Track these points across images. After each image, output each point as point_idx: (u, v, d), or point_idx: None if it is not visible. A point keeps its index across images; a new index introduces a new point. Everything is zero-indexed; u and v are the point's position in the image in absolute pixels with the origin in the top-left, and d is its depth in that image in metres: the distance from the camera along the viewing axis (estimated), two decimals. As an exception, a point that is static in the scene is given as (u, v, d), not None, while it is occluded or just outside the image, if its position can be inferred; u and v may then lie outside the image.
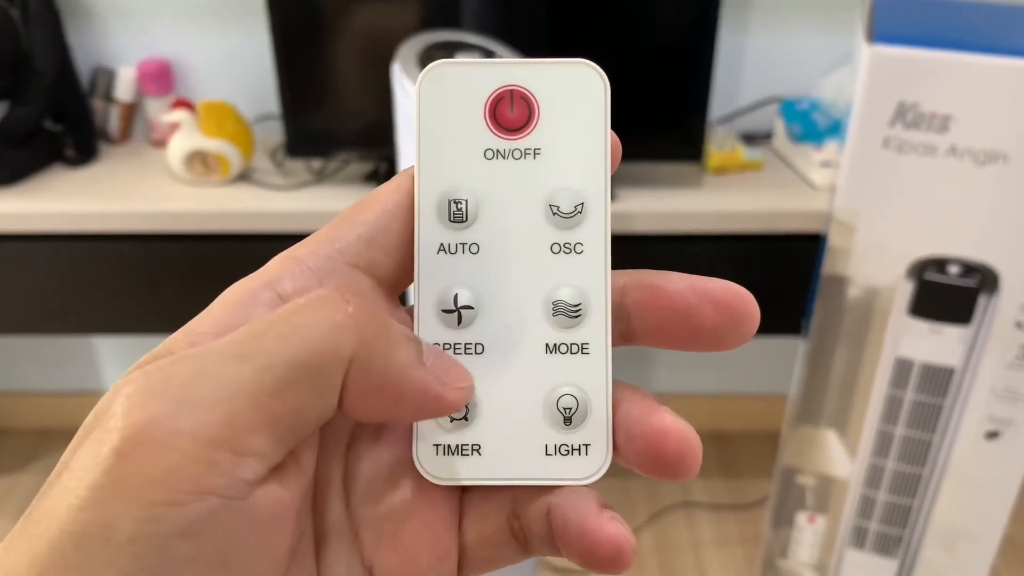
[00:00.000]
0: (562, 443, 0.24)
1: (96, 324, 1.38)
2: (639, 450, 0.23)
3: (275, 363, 0.19)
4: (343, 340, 0.20)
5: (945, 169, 0.80)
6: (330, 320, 0.20)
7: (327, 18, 1.25)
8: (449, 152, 0.24)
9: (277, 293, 0.22)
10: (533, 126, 0.24)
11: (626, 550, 0.22)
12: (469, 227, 0.24)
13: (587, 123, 0.24)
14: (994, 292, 0.84)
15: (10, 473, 1.64)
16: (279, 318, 0.20)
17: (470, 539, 0.24)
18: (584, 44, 1.25)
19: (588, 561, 0.22)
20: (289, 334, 0.19)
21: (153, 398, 0.18)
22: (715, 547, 1.49)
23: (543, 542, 0.23)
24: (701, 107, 1.25)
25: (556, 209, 0.24)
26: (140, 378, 0.19)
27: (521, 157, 0.24)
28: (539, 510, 0.23)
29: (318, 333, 0.20)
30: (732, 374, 1.73)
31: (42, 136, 1.31)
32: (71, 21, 1.38)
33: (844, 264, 0.87)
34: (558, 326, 0.24)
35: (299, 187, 1.27)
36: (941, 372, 0.89)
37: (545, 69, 0.24)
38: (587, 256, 0.24)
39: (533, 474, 0.24)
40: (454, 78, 0.24)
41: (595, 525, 0.22)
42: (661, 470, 0.23)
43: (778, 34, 1.40)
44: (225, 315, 0.21)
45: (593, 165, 0.24)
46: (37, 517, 0.18)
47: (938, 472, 0.94)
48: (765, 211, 1.22)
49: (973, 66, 0.77)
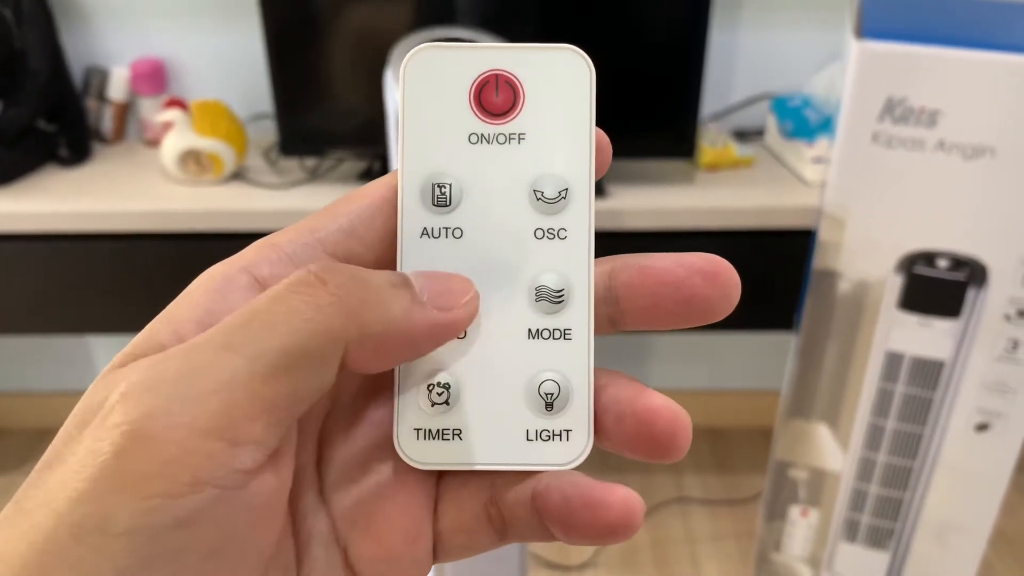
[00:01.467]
0: (543, 429, 0.24)
1: (90, 324, 1.38)
2: (629, 431, 0.23)
3: (265, 351, 0.19)
4: (331, 320, 0.20)
5: (934, 163, 0.81)
6: (313, 303, 0.20)
7: (320, 17, 1.26)
8: (434, 136, 0.24)
9: (254, 277, 0.22)
10: (518, 111, 0.24)
11: (637, 510, 0.22)
12: (453, 211, 0.24)
13: (572, 109, 0.24)
14: (983, 285, 0.85)
15: (5, 473, 1.64)
16: (263, 306, 0.20)
17: (445, 525, 0.24)
18: (576, 41, 1.25)
19: (596, 531, 0.22)
20: (276, 322, 0.20)
21: (148, 393, 0.18)
22: (709, 542, 1.50)
23: (526, 527, 0.23)
24: (693, 104, 1.25)
25: (540, 194, 0.24)
26: (134, 374, 0.19)
27: (506, 142, 0.24)
28: (521, 495, 0.23)
29: (304, 318, 0.20)
30: (725, 370, 1.73)
31: (36, 136, 1.32)
32: (64, 21, 1.38)
33: (834, 259, 0.88)
34: (541, 312, 0.24)
35: (293, 186, 1.28)
36: (931, 365, 0.89)
37: (531, 54, 0.24)
38: (571, 242, 0.24)
39: (514, 459, 0.23)
40: (439, 62, 0.24)
41: (602, 493, 0.22)
42: (652, 450, 0.23)
43: (769, 31, 1.41)
44: (205, 300, 0.22)
45: (578, 151, 0.24)
46: (29, 508, 0.18)
47: (929, 465, 0.94)
48: (757, 207, 1.23)
49: (961, 61, 0.77)
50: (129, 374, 0.19)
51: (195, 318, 0.21)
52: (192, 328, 0.21)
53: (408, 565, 0.23)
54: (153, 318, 0.22)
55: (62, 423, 0.20)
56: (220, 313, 0.21)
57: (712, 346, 1.71)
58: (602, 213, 1.19)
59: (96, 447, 0.18)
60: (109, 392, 0.19)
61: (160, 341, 0.21)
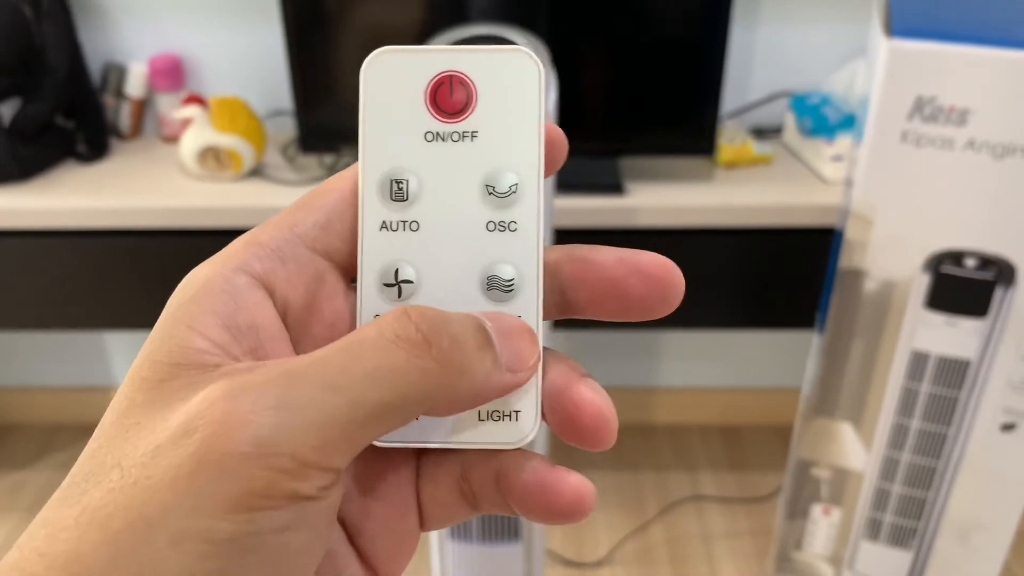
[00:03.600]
0: (494, 410, 0.24)
1: (107, 320, 1.38)
2: (559, 421, 0.24)
3: (366, 401, 0.20)
4: (431, 386, 0.21)
5: (963, 162, 0.80)
6: (419, 366, 0.21)
7: (339, 14, 1.26)
8: (391, 134, 0.25)
9: (251, 276, 0.23)
10: (471, 110, 0.25)
11: (587, 497, 0.23)
12: (410, 206, 0.25)
13: (522, 107, 0.25)
14: (1011, 285, 0.84)
15: (22, 468, 1.65)
16: (369, 354, 0.21)
17: (425, 498, 0.25)
18: (594, 39, 1.25)
19: (551, 513, 0.24)
20: (381, 376, 0.20)
21: (252, 414, 0.19)
22: (725, 539, 1.50)
23: (493, 504, 0.25)
24: (712, 102, 1.25)
25: (492, 189, 0.25)
26: (227, 387, 0.20)
27: (460, 140, 0.25)
28: (487, 475, 0.24)
29: (408, 379, 0.21)
30: (741, 368, 1.73)
31: (54, 132, 1.32)
32: (82, 17, 1.38)
33: (861, 257, 0.88)
34: (492, 300, 0.25)
35: (311, 182, 1.27)
36: (957, 364, 0.89)
37: (483, 56, 0.25)
38: (521, 234, 0.25)
39: (467, 438, 0.25)
40: (397, 64, 0.25)
41: (556, 479, 0.24)
42: (579, 441, 0.24)
43: (789, 29, 1.40)
44: (218, 303, 0.22)
45: (527, 147, 0.25)
46: (108, 511, 0.19)
47: (953, 464, 0.94)
48: (776, 205, 1.23)
49: (991, 60, 0.77)
50: (214, 385, 0.20)
51: (218, 323, 0.22)
52: (220, 333, 0.22)
53: (403, 537, 0.25)
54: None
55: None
56: (236, 315, 0.22)
57: (728, 344, 1.70)
58: (621, 210, 1.19)
59: (192, 457, 0.19)
60: (185, 400, 0.20)
61: (198, 348, 0.22)
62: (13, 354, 1.74)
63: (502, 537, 1.04)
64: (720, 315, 1.36)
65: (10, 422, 1.77)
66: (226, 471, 0.19)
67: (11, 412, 1.77)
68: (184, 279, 0.24)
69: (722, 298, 1.32)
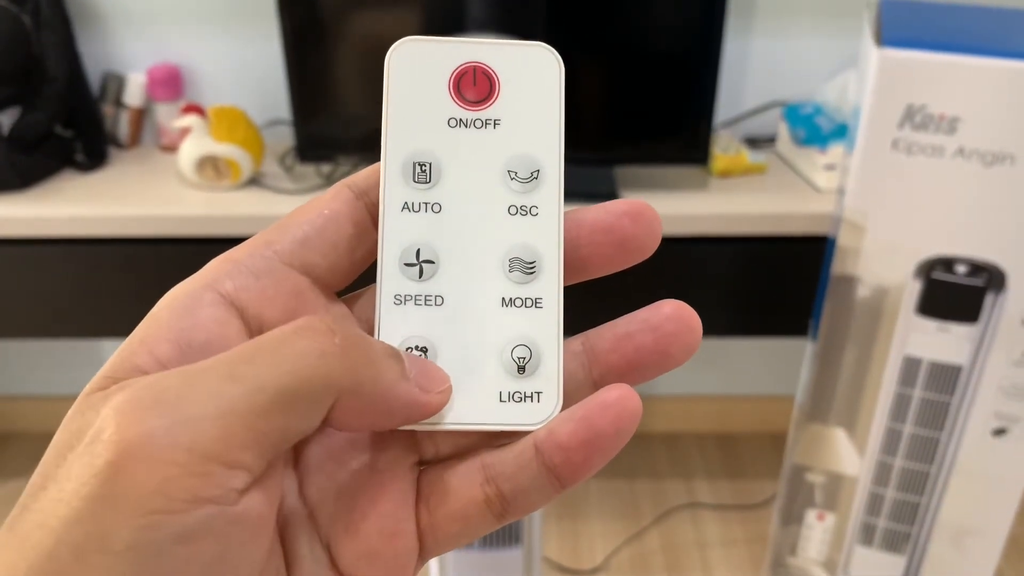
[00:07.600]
0: (516, 390, 0.25)
1: (106, 328, 1.38)
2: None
3: (266, 387, 0.20)
4: (332, 369, 0.21)
5: (953, 170, 0.82)
6: (319, 349, 0.21)
7: (337, 24, 1.27)
8: (415, 119, 0.26)
9: (219, 293, 0.23)
10: (494, 99, 0.26)
11: (632, 398, 0.23)
12: (432, 188, 0.25)
13: (543, 99, 0.26)
14: (1001, 291, 0.85)
15: (20, 476, 1.65)
16: (268, 344, 0.21)
17: (437, 518, 0.24)
18: (589, 49, 1.26)
19: (607, 433, 0.23)
20: (280, 361, 0.20)
21: (147, 413, 0.19)
22: (720, 547, 1.50)
23: (532, 490, 0.24)
24: (706, 111, 1.26)
25: (514, 174, 0.26)
26: (124, 393, 0.20)
27: (482, 127, 0.26)
28: (524, 458, 0.24)
29: (308, 362, 0.21)
30: (736, 376, 1.74)
31: (53, 141, 1.32)
32: (81, 27, 1.39)
33: (853, 264, 0.89)
34: (514, 281, 0.25)
35: (309, 191, 1.28)
36: (949, 370, 0.90)
37: (506, 49, 0.26)
38: (542, 218, 0.25)
39: (488, 419, 0.25)
40: (421, 53, 0.26)
41: (598, 400, 0.23)
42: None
43: (782, 40, 1.42)
44: (174, 320, 0.23)
45: (549, 136, 0.26)
46: (26, 529, 0.19)
47: (946, 469, 0.95)
48: (769, 214, 1.24)
49: (980, 69, 0.78)
50: (117, 393, 0.20)
51: (169, 338, 0.22)
52: (167, 348, 0.22)
53: (389, 561, 0.24)
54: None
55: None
56: (191, 331, 0.22)
57: (723, 352, 1.71)
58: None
59: (92, 463, 0.19)
60: (97, 412, 0.20)
61: (137, 364, 0.22)
62: (10, 362, 1.74)
63: (502, 543, 1.05)
64: (714, 323, 1.36)
65: (7, 431, 1.77)
66: (122, 474, 0.18)
67: (8, 420, 1.77)
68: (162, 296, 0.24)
69: (716, 306, 1.33)
